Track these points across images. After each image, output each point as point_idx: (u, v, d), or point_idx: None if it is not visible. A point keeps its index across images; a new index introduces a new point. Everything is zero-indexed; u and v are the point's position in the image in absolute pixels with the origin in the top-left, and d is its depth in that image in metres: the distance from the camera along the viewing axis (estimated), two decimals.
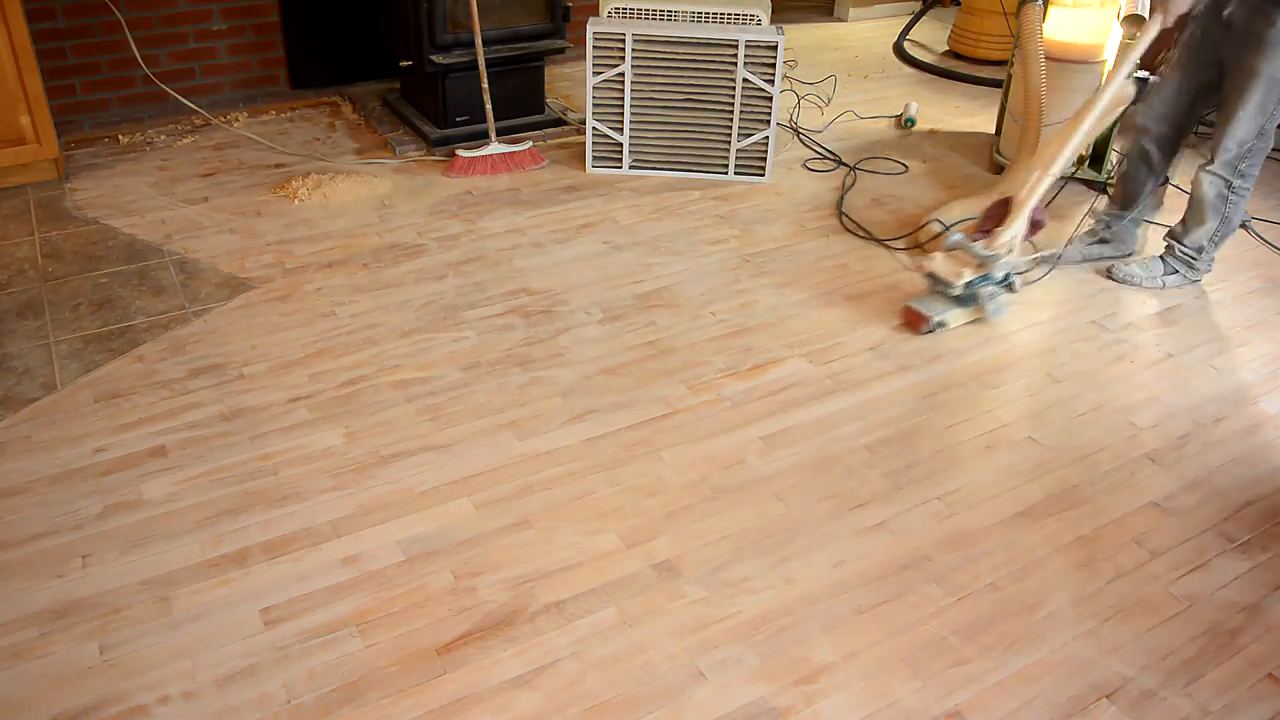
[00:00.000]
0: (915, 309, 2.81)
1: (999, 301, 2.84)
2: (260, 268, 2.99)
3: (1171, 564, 2.08)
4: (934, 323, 2.79)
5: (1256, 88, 2.70)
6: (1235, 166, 2.85)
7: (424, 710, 1.70)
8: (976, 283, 2.79)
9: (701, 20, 3.45)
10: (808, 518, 2.16)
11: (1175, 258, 3.07)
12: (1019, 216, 2.82)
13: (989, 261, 2.76)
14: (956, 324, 2.84)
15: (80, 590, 1.90)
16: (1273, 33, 2.63)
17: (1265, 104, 2.73)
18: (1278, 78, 2.68)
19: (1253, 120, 2.76)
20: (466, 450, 2.30)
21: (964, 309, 2.83)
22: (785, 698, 1.75)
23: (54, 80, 3.66)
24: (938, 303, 2.83)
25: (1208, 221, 2.97)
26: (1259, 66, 2.67)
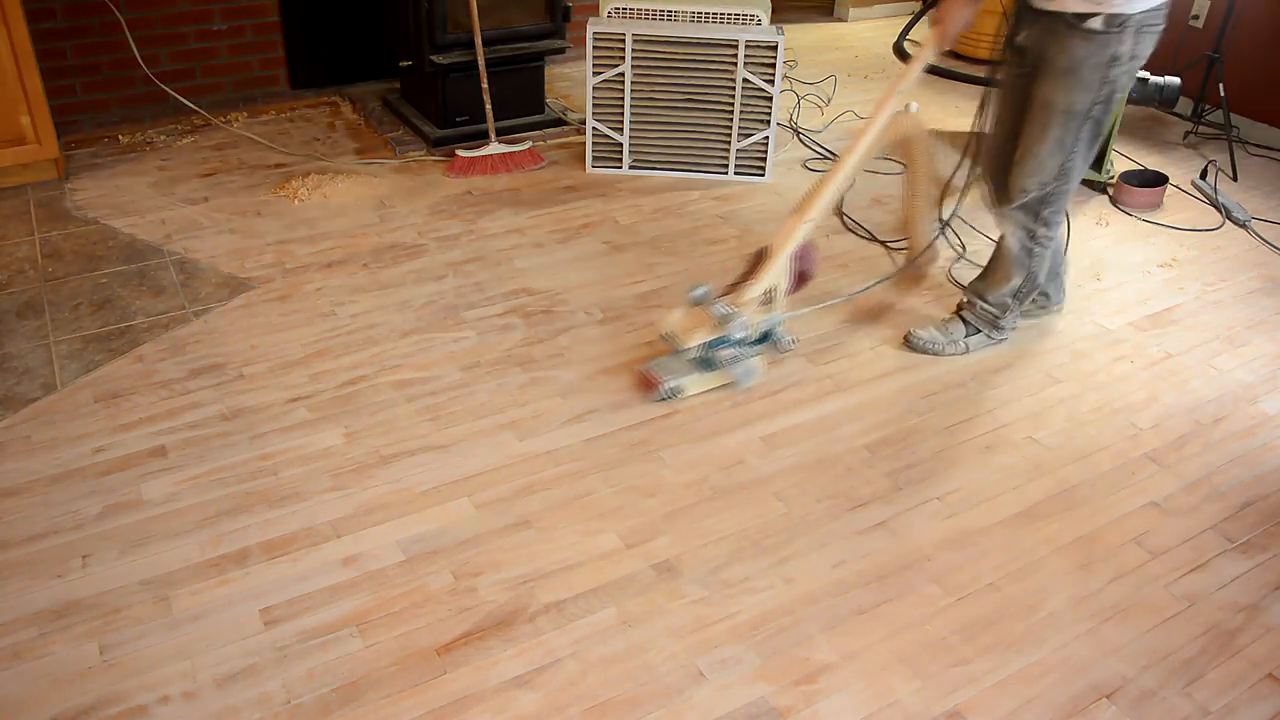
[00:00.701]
0: (647, 372, 2.49)
1: (747, 365, 2.50)
2: (260, 268, 2.99)
3: (1171, 564, 2.08)
4: (666, 389, 2.46)
5: (1053, 121, 2.33)
6: (1037, 213, 2.48)
7: (424, 710, 1.70)
8: (714, 345, 2.45)
9: (701, 20, 3.45)
10: (808, 518, 2.16)
11: (977, 315, 2.70)
12: (771, 269, 2.48)
13: (726, 321, 2.41)
14: (697, 390, 2.50)
15: (80, 590, 1.90)
16: (1066, 60, 2.26)
17: (1064, 139, 2.35)
18: (1076, 109, 2.30)
19: (1052, 158, 2.38)
20: (466, 450, 2.30)
21: (707, 373, 2.50)
22: (785, 698, 1.75)
23: (54, 80, 3.66)
24: (676, 365, 2.50)
25: (1012, 278, 2.62)
26: (1054, 97, 2.31)
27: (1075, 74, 2.27)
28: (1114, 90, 2.30)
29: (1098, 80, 2.26)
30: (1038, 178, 2.43)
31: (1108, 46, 2.21)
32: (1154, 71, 4.08)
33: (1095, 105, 2.30)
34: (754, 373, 2.53)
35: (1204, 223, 3.52)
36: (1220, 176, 3.84)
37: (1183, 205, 3.65)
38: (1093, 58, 2.23)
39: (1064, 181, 2.43)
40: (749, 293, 2.46)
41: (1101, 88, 2.27)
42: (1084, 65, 2.25)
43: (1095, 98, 2.29)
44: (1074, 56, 2.25)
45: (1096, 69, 2.24)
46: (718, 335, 2.43)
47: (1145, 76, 3.95)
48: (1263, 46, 4.13)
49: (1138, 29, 2.21)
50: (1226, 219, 3.54)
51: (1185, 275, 3.18)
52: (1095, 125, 2.35)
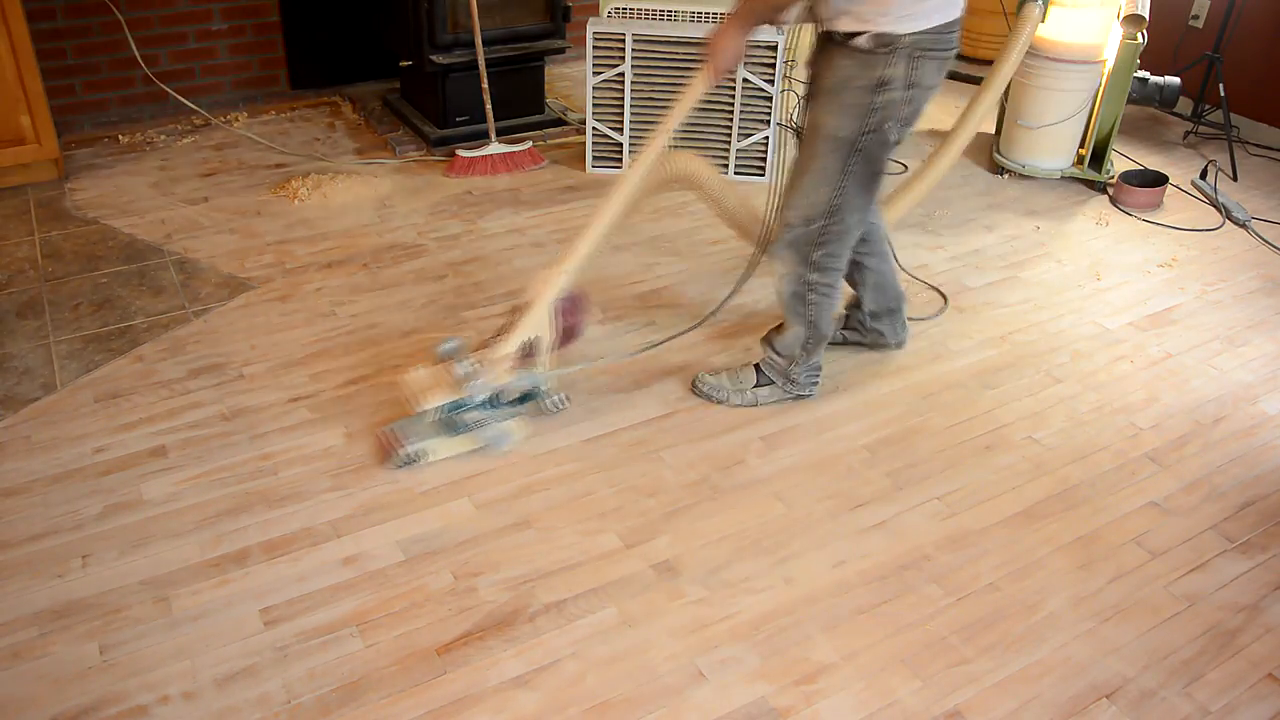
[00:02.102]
0: (388, 434, 2.25)
1: (498, 430, 2.28)
2: (260, 268, 2.99)
3: (1171, 564, 2.08)
4: (405, 454, 2.21)
5: (818, 146, 2.14)
6: (807, 255, 2.26)
7: (424, 710, 1.70)
8: (454, 407, 2.25)
9: (701, 20, 3.45)
10: (808, 518, 2.15)
11: (769, 366, 2.48)
12: (526, 323, 2.27)
13: (464, 381, 2.22)
14: (444, 454, 2.26)
15: (80, 590, 1.90)
16: (831, 79, 2.09)
17: (829, 168, 2.14)
18: (840, 135, 2.10)
19: (816, 190, 2.17)
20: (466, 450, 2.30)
21: (454, 437, 2.27)
22: (785, 698, 1.75)
23: (54, 80, 3.65)
24: (420, 427, 2.26)
25: (793, 326, 2.39)
26: (819, 119, 2.13)
27: (840, 95, 2.08)
28: (885, 119, 2.08)
29: (865, 105, 2.06)
30: (802, 211, 2.22)
31: (874, 68, 2.02)
32: (1154, 71, 4.09)
33: (864, 134, 2.09)
34: (508, 437, 2.29)
35: (1204, 223, 3.52)
36: (1220, 176, 3.84)
37: (1183, 205, 3.65)
38: (858, 79, 2.05)
39: (834, 221, 2.20)
40: (500, 350, 2.26)
41: (870, 114, 2.07)
42: (848, 86, 2.06)
43: (864, 125, 2.08)
44: (839, 76, 2.08)
45: (862, 92, 2.05)
46: (455, 398, 2.23)
47: (1145, 76, 3.95)
48: (1263, 46, 4.13)
49: (911, 52, 2.00)
50: (1226, 219, 3.54)
51: (1185, 275, 3.18)
52: (868, 161, 2.14)
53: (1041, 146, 3.70)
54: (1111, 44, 3.50)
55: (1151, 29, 3.98)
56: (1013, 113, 3.73)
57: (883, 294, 2.60)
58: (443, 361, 2.29)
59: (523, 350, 2.29)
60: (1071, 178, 3.76)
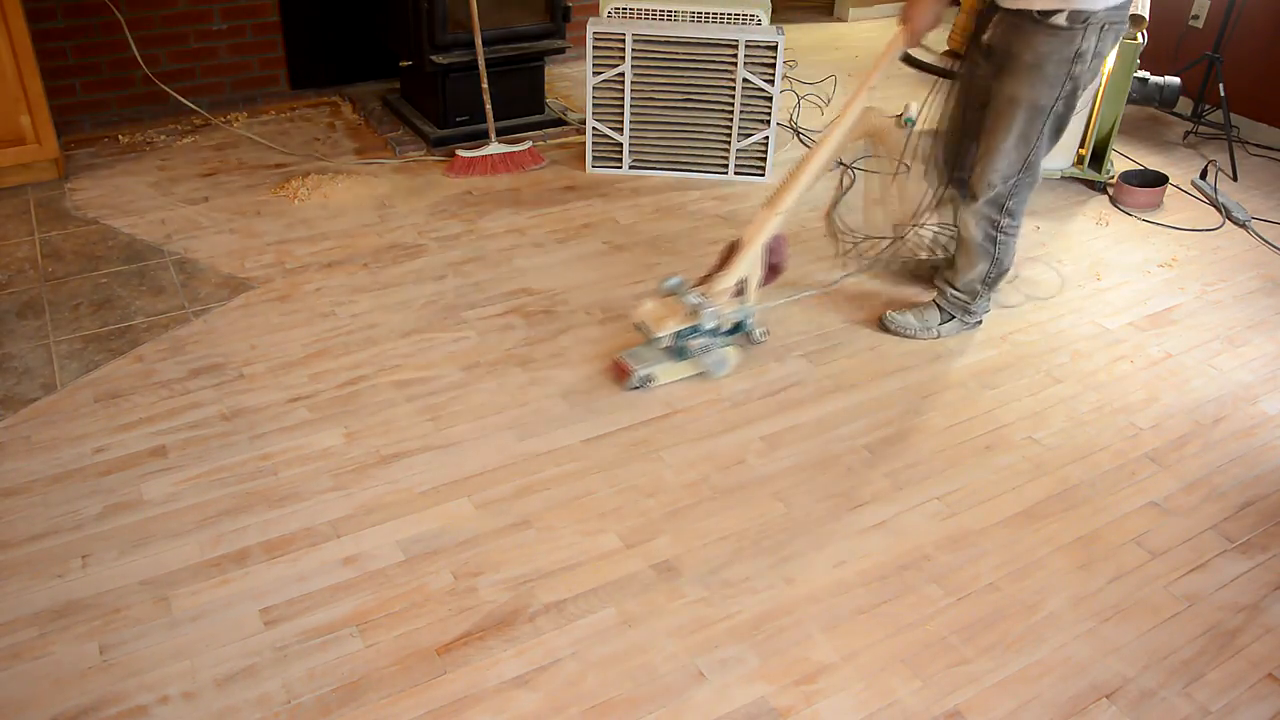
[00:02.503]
0: (621, 360, 2.53)
1: (719, 355, 2.53)
2: (260, 268, 2.99)
3: (1171, 564, 2.08)
4: (639, 376, 2.49)
5: (1018, 116, 2.40)
6: (1001, 204, 2.56)
7: (424, 710, 1.70)
8: (685, 334, 2.49)
9: (701, 20, 3.45)
10: (808, 518, 2.16)
11: (949, 303, 2.77)
12: (744, 260, 2.53)
13: (697, 311, 2.46)
14: (670, 379, 2.54)
15: (80, 590, 1.90)
16: (1031, 55, 2.33)
17: (1029, 133, 2.42)
18: (1040, 105, 2.37)
19: (1016, 152, 2.46)
20: (466, 450, 2.30)
21: (680, 361, 2.53)
22: (785, 698, 1.75)
23: (54, 80, 3.65)
24: (648, 354, 2.53)
25: (978, 264, 2.68)
26: (1019, 92, 2.38)
27: (1040, 69, 2.33)
28: (1076, 86, 2.36)
29: (1061, 76, 2.32)
30: (1003, 171, 2.49)
31: (1071, 43, 2.28)
32: (1154, 71, 4.09)
33: (1059, 100, 2.36)
34: (726, 363, 2.56)
35: (1204, 223, 3.52)
36: (1220, 176, 3.84)
37: (1183, 205, 3.65)
38: (1057, 53, 2.30)
39: (1028, 174, 2.50)
40: (721, 284, 2.51)
41: (1065, 83, 2.34)
42: (1048, 61, 2.31)
43: (1059, 93, 2.35)
44: (1038, 52, 2.31)
45: (1060, 64, 2.31)
46: (689, 325, 2.47)
47: (1145, 76, 3.95)
48: (1263, 46, 4.13)
49: (1101, 26, 2.27)
50: (1226, 219, 3.54)
51: (1185, 275, 3.18)
52: (1058, 120, 2.41)
53: None
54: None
55: (1151, 29, 3.98)
56: None
57: None
58: (668, 295, 2.54)
59: (735, 286, 2.54)
60: (1071, 178, 3.76)
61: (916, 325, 2.78)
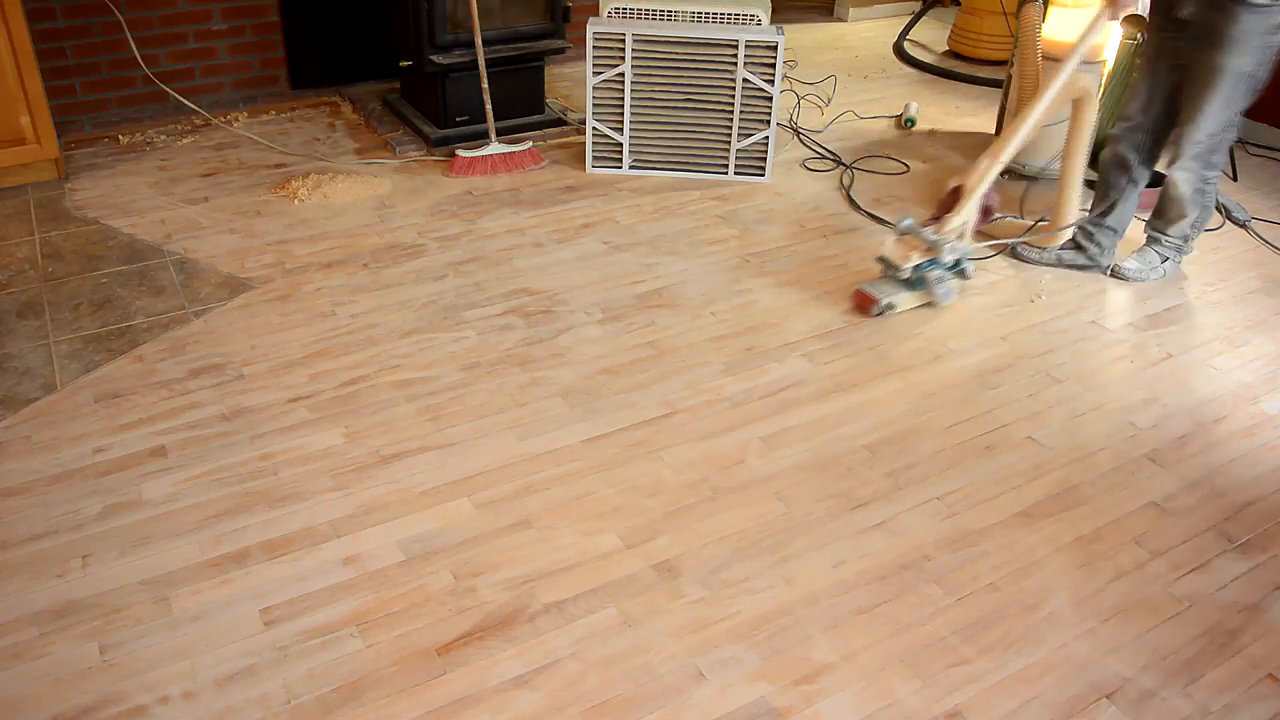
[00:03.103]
0: (865, 291, 2.87)
1: (948, 286, 2.90)
2: (260, 268, 2.99)
3: (1171, 564, 2.08)
4: (883, 304, 2.85)
5: (1223, 83, 2.72)
6: (1207, 159, 2.88)
7: (424, 710, 1.70)
8: (925, 266, 2.85)
9: (701, 20, 3.45)
10: (808, 518, 2.16)
11: (1164, 246, 3.11)
12: (968, 203, 2.89)
13: (937, 246, 2.83)
14: (906, 307, 2.90)
15: (80, 590, 1.90)
16: (1236, 29, 2.64)
17: (1232, 97, 2.75)
18: (1243, 71, 2.70)
19: (1221, 114, 2.78)
20: (466, 450, 2.30)
21: (913, 292, 2.89)
22: (785, 698, 1.75)
23: (54, 80, 3.66)
24: (888, 286, 2.89)
25: (1189, 214, 3.00)
26: (1224, 62, 2.69)
27: (1244, 42, 2.65)
28: (1274, 53, 2.69)
29: (1261, 45, 2.66)
30: (1208, 129, 2.80)
31: (1270, 17, 2.62)
32: None
33: (1260, 66, 2.70)
34: (954, 292, 2.93)
35: None
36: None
37: None
38: (1259, 27, 2.63)
39: (1230, 132, 2.84)
40: (952, 223, 2.87)
41: (1264, 51, 2.68)
42: (1251, 34, 2.64)
43: (1260, 60, 2.69)
44: (1243, 27, 2.63)
45: (1261, 35, 2.64)
46: (929, 259, 2.84)
47: None
48: None
49: None
50: (1226, 219, 3.54)
51: (1185, 275, 3.18)
52: (1257, 84, 2.75)
53: (1042, 146, 3.70)
54: (1111, 44, 3.50)
55: None
56: (1013, 112, 3.73)
57: (1125, 214, 3.11)
58: (905, 234, 2.88)
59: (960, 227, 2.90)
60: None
61: (1142, 268, 3.10)
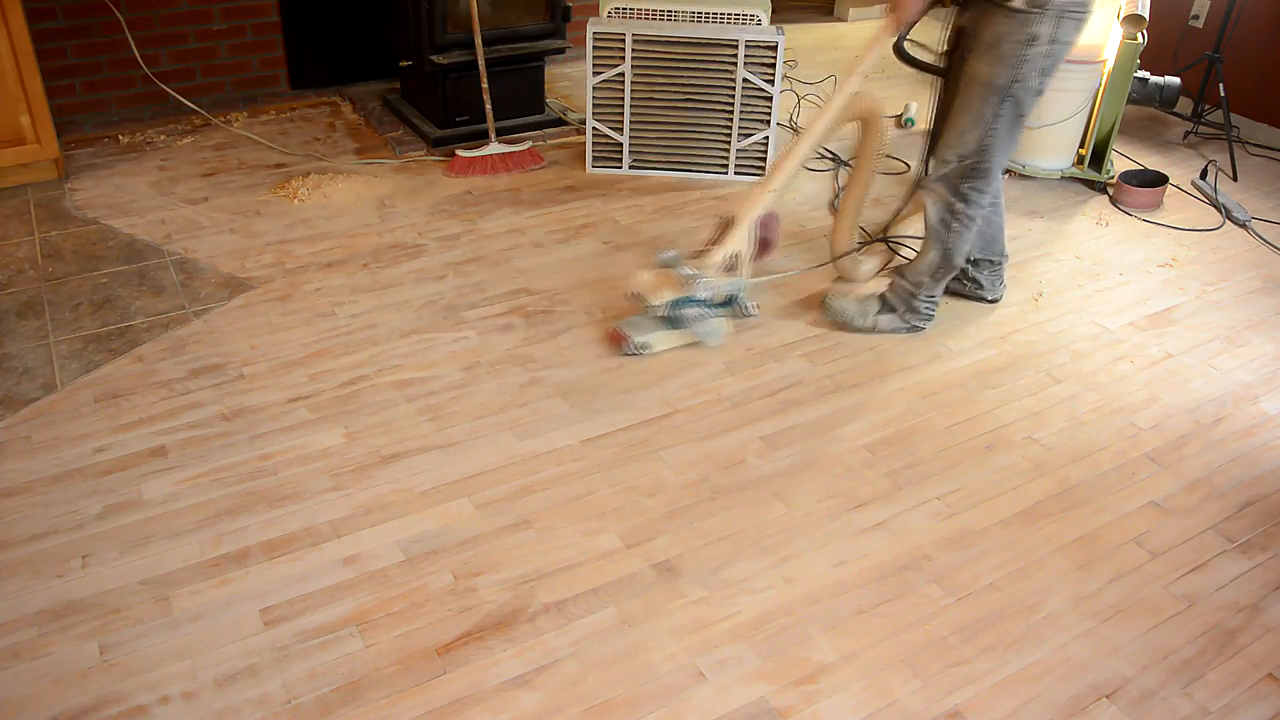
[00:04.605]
0: (618, 328, 2.64)
1: (712, 325, 2.65)
2: (260, 268, 2.99)
3: (1171, 564, 2.08)
4: (634, 344, 2.62)
5: (973, 94, 2.46)
6: (956, 186, 2.57)
7: (424, 710, 1.70)
8: (680, 304, 2.60)
9: (701, 20, 3.45)
10: (808, 518, 2.16)
11: (895, 293, 2.78)
12: (734, 235, 2.63)
13: (690, 282, 2.57)
14: (665, 347, 2.66)
15: (80, 590, 1.90)
16: (989, 34, 2.41)
17: (983, 113, 2.46)
18: (994, 83, 2.42)
19: (972, 130, 2.49)
20: (466, 450, 2.30)
21: (675, 331, 2.65)
22: (785, 698, 1.75)
23: (54, 80, 3.66)
24: (646, 323, 2.65)
25: (930, 252, 2.68)
26: (977, 70, 2.45)
27: (996, 48, 2.40)
28: (1032, 69, 2.41)
29: (1016, 57, 2.39)
30: (957, 149, 2.54)
31: (1027, 25, 2.35)
32: (1154, 71, 4.09)
33: (1014, 83, 2.42)
34: (719, 333, 2.67)
35: (1204, 223, 3.52)
36: (1220, 176, 3.84)
37: (1183, 205, 3.65)
38: (1013, 35, 2.37)
39: (983, 159, 2.52)
40: (713, 256, 2.62)
41: (1020, 65, 2.39)
42: (1004, 40, 2.38)
43: (1014, 74, 2.41)
44: (996, 32, 2.39)
45: (1016, 45, 2.38)
46: (683, 295, 2.58)
47: (1145, 76, 3.95)
48: (1263, 46, 4.13)
49: (1058, 14, 2.34)
50: (1226, 219, 3.54)
51: (1185, 275, 3.18)
52: (1015, 104, 2.45)
53: (1041, 146, 3.70)
54: (1111, 44, 3.50)
55: (1151, 29, 3.98)
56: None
57: (990, 245, 2.88)
58: (663, 267, 2.62)
59: (727, 260, 2.64)
60: (1071, 178, 3.76)
61: (854, 311, 2.80)
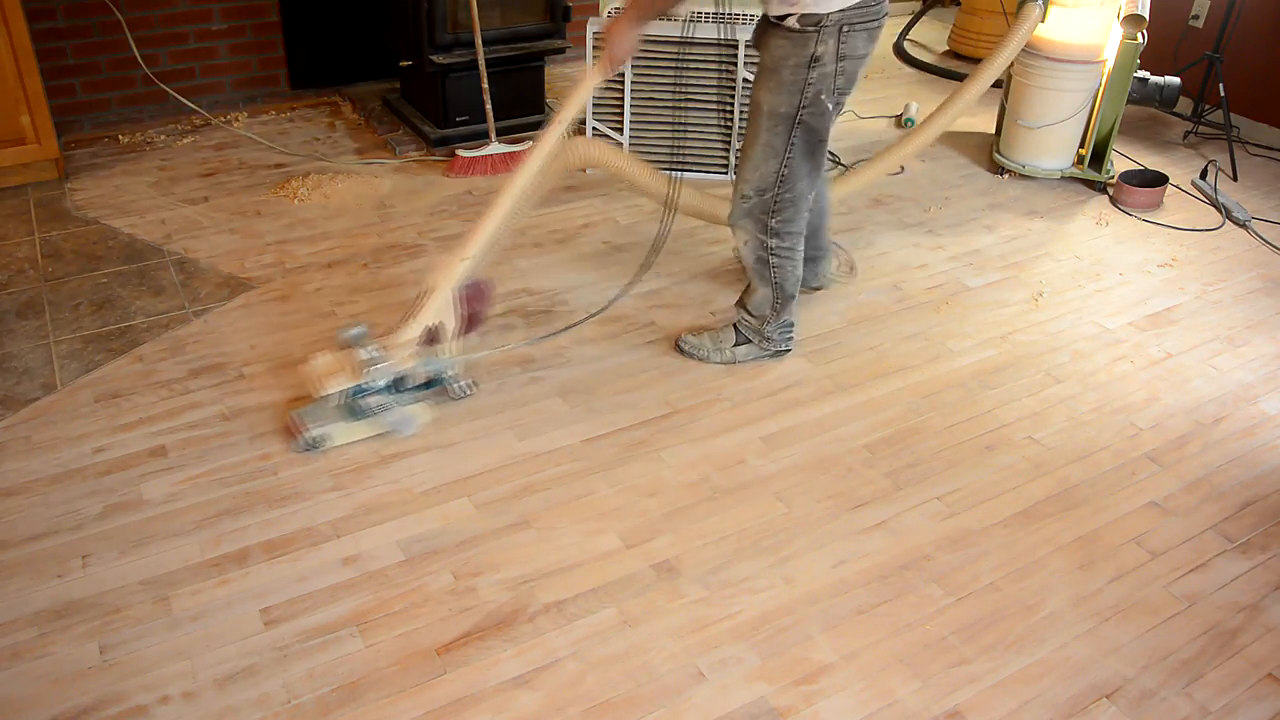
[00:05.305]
0: (293, 419, 2.28)
1: (403, 414, 2.31)
2: (260, 268, 2.99)
3: (1171, 564, 2.08)
4: (308, 438, 2.24)
5: (762, 123, 2.28)
6: (764, 223, 2.40)
7: (424, 710, 1.70)
8: (357, 392, 2.26)
9: (701, 20, 3.45)
10: (808, 518, 2.16)
11: (743, 326, 2.62)
12: (428, 309, 2.31)
13: (366, 366, 2.22)
14: (349, 439, 2.29)
15: (80, 590, 1.90)
16: (769, 59, 2.23)
17: (774, 142, 2.28)
18: (781, 112, 2.24)
19: (766, 163, 2.31)
20: (466, 450, 2.30)
21: (356, 421, 2.29)
22: (785, 698, 1.75)
23: (54, 80, 3.65)
24: (324, 412, 2.28)
25: (759, 289, 2.54)
26: (760, 98, 2.27)
27: (777, 74, 2.22)
28: (820, 92, 2.21)
29: (800, 81, 2.20)
30: (754, 183, 2.36)
31: (806, 46, 2.16)
32: (1154, 71, 4.09)
33: (802, 109, 2.23)
34: (412, 422, 2.32)
35: (1204, 223, 3.52)
36: (1220, 176, 3.84)
37: (1183, 205, 3.65)
38: (792, 57, 2.19)
39: (785, 190, 2.34)
40: (402, 335, 2.28)
41: (805, 89, 2.20)
42: (784, 65, 2.20)
43: (800, 100, 2.22)
44: (774, 56, 2.22)
45: (797, 69, 2.19)
46: (359, 381, 2.24)
47: (1145, 76, 3.95)
48: (1263, 46, 4.13)
49: (840, 28, 2.15)
50: (1226, 219, 3.55)
51: (1185, 275, 3.18)
52: (808, 131, 2.27)
53: (1041, 146, 3.70)
54: (1111, 44, 3.50)
55: (1151, 29, 3.98)
56: (1013, 113, 3.73)
57: (811, 239, 2.70)
58: (345, 347, 2.27)
59: (427, 336, 2.32)
60: (1071, 178, 3.76)
61: (709, 347, 2.62)
